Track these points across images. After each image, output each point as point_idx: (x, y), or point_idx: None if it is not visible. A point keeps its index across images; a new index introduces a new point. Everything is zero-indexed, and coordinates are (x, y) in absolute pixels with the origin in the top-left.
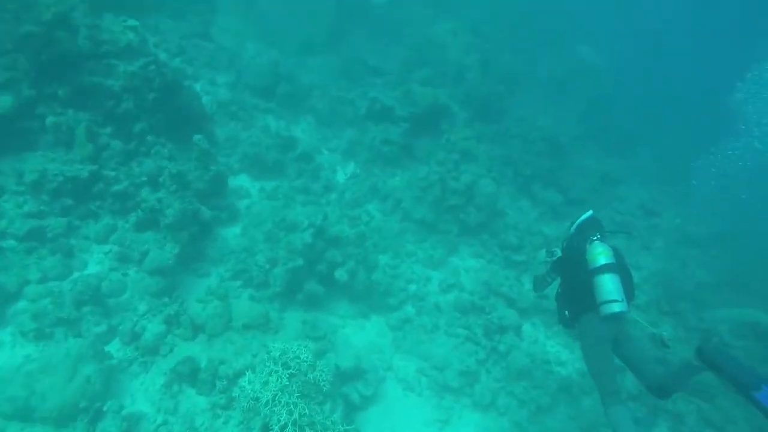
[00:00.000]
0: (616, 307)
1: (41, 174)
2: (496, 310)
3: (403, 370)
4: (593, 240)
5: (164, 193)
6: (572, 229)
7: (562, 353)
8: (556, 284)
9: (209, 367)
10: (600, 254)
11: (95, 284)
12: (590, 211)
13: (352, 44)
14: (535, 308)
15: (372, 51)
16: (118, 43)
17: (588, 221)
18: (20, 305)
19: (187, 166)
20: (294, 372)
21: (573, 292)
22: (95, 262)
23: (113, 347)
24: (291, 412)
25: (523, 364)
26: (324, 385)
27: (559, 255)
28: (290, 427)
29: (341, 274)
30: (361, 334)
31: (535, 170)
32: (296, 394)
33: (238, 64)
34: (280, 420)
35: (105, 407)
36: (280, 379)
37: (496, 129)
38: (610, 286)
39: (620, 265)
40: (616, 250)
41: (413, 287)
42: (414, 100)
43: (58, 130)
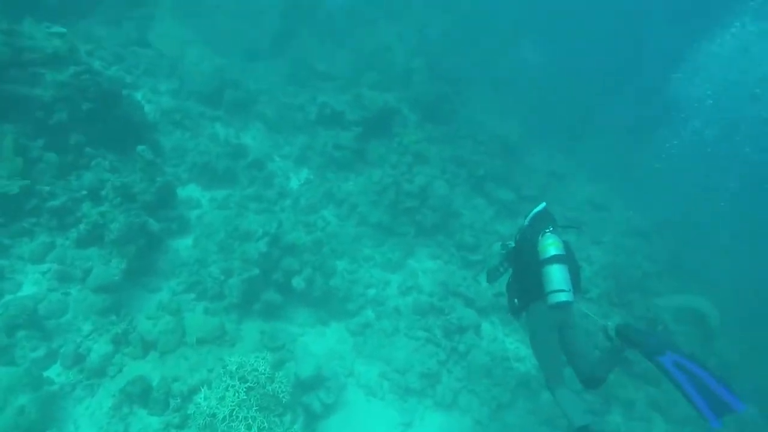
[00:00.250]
0: (562, 297)
1: None
2: (454, 310)
3: (364, 376)
4: (545, 232)
5: (108, 206)
6: (526, 222)
7: (521, 349)
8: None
9: (162, 386)
10: (550, 245)
11: (31, 306)
12: (543, 204)
13: (298, 49)
14: (493, 307)
15: (319, 55)
16: (43, 50)
17: (541, 214)
18: None
19: (132, 177)
20: (252, 385)
21: (523, 282)
22: (31, 283)
23: (53, 372)
24: (249, 427)
25: (483, 363)
26: (283, 396)
27: (512, 246)
28: None
29: (298, 282)
30: (321, 342)
31: (487, 170)
32: (254, 408)
33: (180, 71)
34: None
35: None
36: (237, 394)
37: (447, 130)
38: (558, 276)
39: (569, 257)
40: (566, 243)
41: (372, 291)
42: (364, 104)
43: None
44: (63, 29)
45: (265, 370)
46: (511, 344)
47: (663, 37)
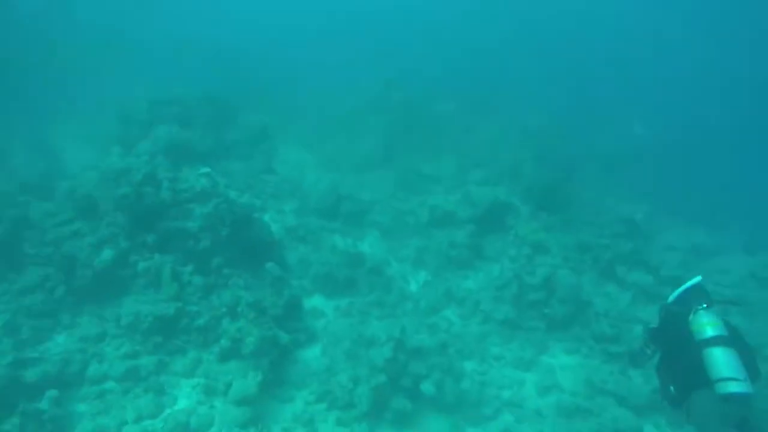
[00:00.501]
0: (733, 387)
1: (135, 316)
2: (606, 411)
3: None
4: (698, 309)
5: (243, 322)
6: (671, 297)
7: None
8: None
9: None
10: (707, 324)
11: (184, 420)
12: (698, 277)
13: (404, 157)
14: (652, 405)
15: (423, 160)
16: (193, 189)
17: (692, 289)
18: None
19: (263, 293)
20: None
21: (678, 365)
22: (184, 397)
23: None
24: None
25: None
26: None
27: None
28: None
29: (427, 387)
30: None
31: (615, 253)
32: None
33: (300, 192)
34: None
35: None
36: None
37: (563, 217)
38: (723, 360)
39: (735, 339)
40: (727, 322)
41: (507, 393)
42: (473, 200)
43: (147, 273)
44: (208, 169)
45: None
46: None
47: None
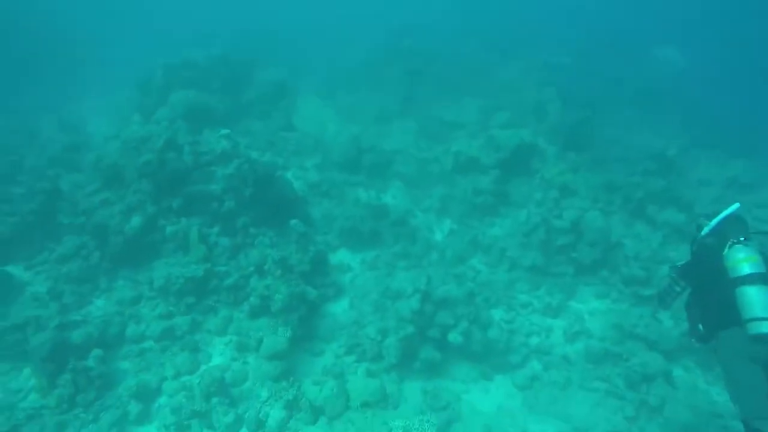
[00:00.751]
0: (766, 327)
1: (167, 279)
2: (635, 355)
3: None
4: (734, 243)
5: (271, 279)
6: (706, 229)
7: None
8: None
9: None
10: (744, 261)
11: (219, 376)
12: (736, 205)
13: (424, 105)
14: (683, 348)
15: (445, 107)
16: (214, 151)
17: (729, 219)
18: (161, 400)
19: (288, 250)
20: None
21: (708, 303)
22: (218, 354)
23: None
24: None
25: (686, 420)
26: None
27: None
28: None
29: (455, 336)
30: (487, 398)
31: (646, 192)
32: None
33: (322, 147)
34: None
35: None
36: None
37: (592, 156)
38: (758, 299)
39: None
40: (764, 254)
41: (535, 340)
42: (498, 144)
43: (175, 237)
44: (227, 130)
45: None
46: (719, 395)
47: None
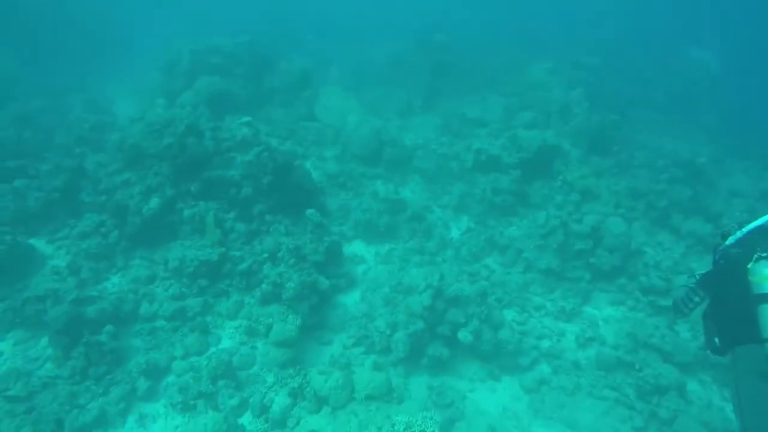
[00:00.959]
0: None
1: (181, 261)
2: (648, 366)
3: None
4: (761, 256)
5: (284, 267)
6: (732, 238)
7: None
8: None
9: None
10: None
11: (227, 359)
12: (767, 217)
13: (448, 101)
14: (700, 362)
15: (470, 104)
16: (235, 138)
17: (759, 231)
18: (170, 379)
19: (303, 239)
20: None
21: (727, 316)
22: (227, 337)
23: (246, 420)
24: None
25: None
26: None
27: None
28: None
29: (465, 335)
30: (492, 399)
31: (671, 200)
32: None
33: (342, 138)
34: None
35: None
36: None
37: (617, 161)
38: None
39: None
40: None
41: (546, 343)
42: (521, 144)
43: (192, 220)
44: (249, 118)
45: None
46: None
47: None
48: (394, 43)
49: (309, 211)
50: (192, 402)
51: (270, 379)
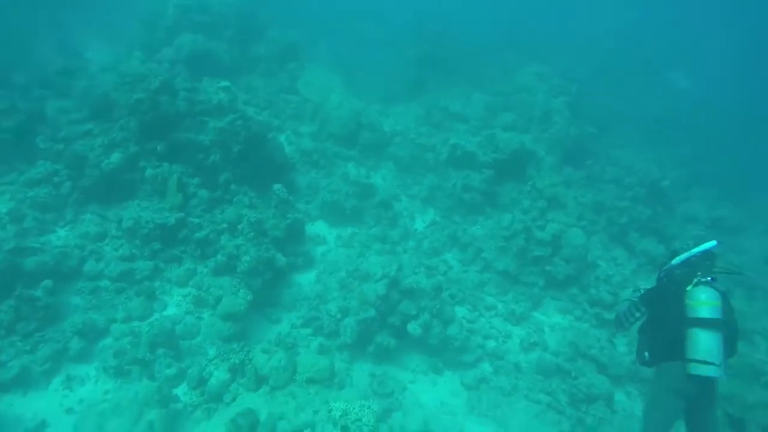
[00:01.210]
0: (708, 371)
1: (136, 221)
2: (584, 375)
3: None
4: (701, 281)
5: (242, 239)
6: (678, 259)
7: None
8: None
9: (268, 422)
10: (704, 304)
11: (170, 327)
12: (713, 242)
13: (433, 92)
14: (631, 376)
15: (454, 97)
16: (210, 102)
17: (703, 255)
18: (106, 342)
19: (266, 213)
20: None
21: (660, 335)
22: (174, 305)
23: (181, 390)
24: None
25: None
26: None
27: (652, 288)
28: None
29: (414, 327)
30: (432, 392)
31: (632, 218)
32: None
33: (322, 115)
34: None
35: None
36: None
37: (588, 174)
38: (707, 345)
39: (727, 322)
40: (726, 297)
41: (492, 343)
42: (498, 145)
43: (154, 181)
44: (228, 83)
45: (369, 421)
46: None
47: None
48: (389, 27)
49: (276, 186)
50: (127, 368)
51: (212, 352)
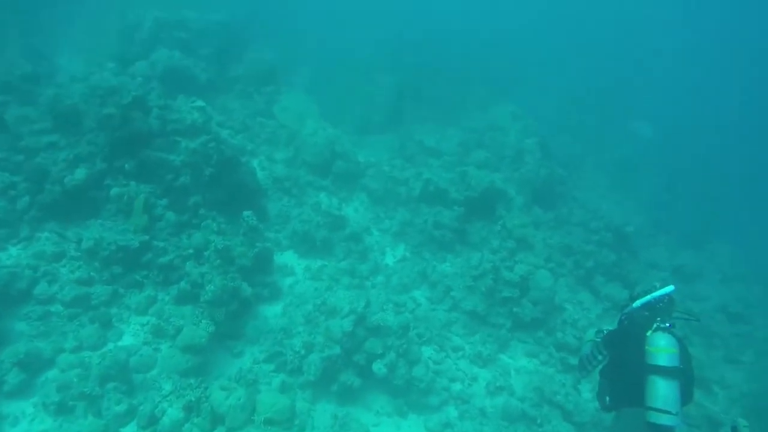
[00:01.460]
0: (666, 420)
1: (97, 242)
2: (549, 422)
3: None
4: (660, 328)
5: (208, 267)
6: (638, 303)
7: None
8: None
9: None
10: (662, 351)
11: (124, 358)
12: (671, 287)
13: (409, 124)
14: (595, 424)
15: (429, 132)
16: (184, 121)
17: (663, 300)
18: (51, 374)
19: (234, 241)
20: None
21: (621, 378)
22: (131, 334)
23: (130, 429)
24: None
25: None
26: None
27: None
28: None
29: (379, 367)
30: None
31: (597, 262)
32: None
33: (297, 142)
34: None
35: None
36: None
37: (556, 215)
38: (665, 393)
39: (684, 370)
40: (683, 344)
41: (457, 386)
42: (469, 183)
43: (120, 200)
44: (203, 103)
45: None
46: None
47: None
48: (369, 54)
49: (245, 213)
50: (71, 403)
51: (167, 387)
